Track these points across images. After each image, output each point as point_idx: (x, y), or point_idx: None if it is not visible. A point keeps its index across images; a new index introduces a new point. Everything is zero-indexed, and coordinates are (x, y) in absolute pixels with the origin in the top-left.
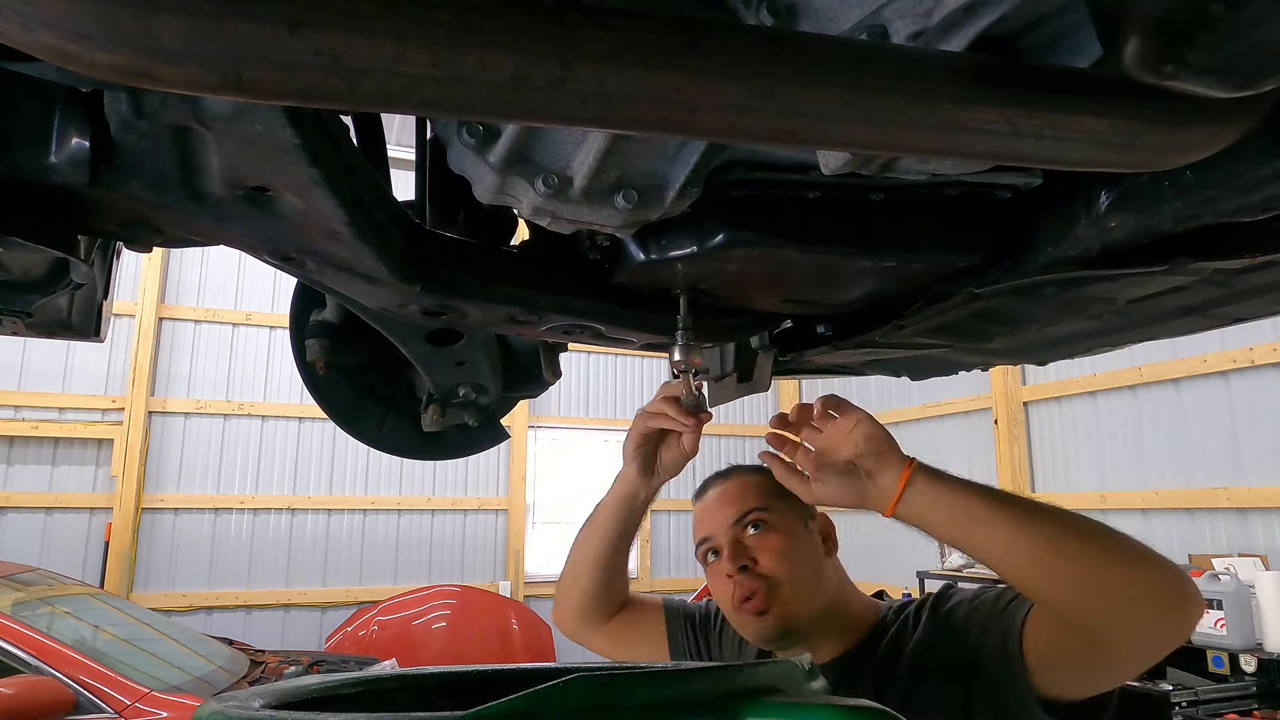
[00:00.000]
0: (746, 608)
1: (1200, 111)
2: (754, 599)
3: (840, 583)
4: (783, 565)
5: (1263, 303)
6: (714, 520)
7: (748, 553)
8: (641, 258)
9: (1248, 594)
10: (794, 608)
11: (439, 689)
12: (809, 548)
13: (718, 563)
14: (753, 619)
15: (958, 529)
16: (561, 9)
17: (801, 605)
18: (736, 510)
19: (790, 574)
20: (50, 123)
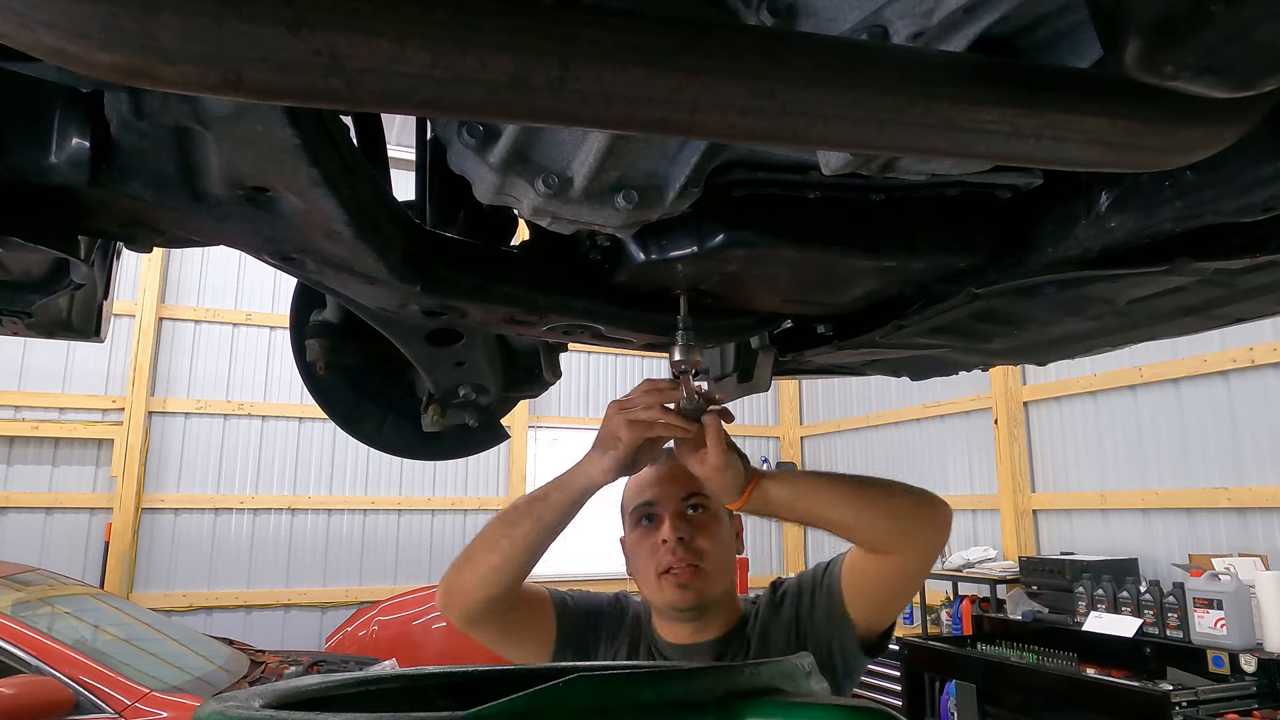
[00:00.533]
0: (673, 576)
1: (1200, 111)
2: (682, 571)
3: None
4: (712, 547)
5: (1263, 303)
6: (664, 491)
7: (688, 527)
8: (641, 258)
9: (1248, 594)
10: (709, 587)
11: (439, 689)
12: (728, 538)
13: (652, 528)
14: (674, 588)
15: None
16: (561, 9)
17: (714, 586)
18: (685, 489)
19: (714, 556)
20: (50, 123)
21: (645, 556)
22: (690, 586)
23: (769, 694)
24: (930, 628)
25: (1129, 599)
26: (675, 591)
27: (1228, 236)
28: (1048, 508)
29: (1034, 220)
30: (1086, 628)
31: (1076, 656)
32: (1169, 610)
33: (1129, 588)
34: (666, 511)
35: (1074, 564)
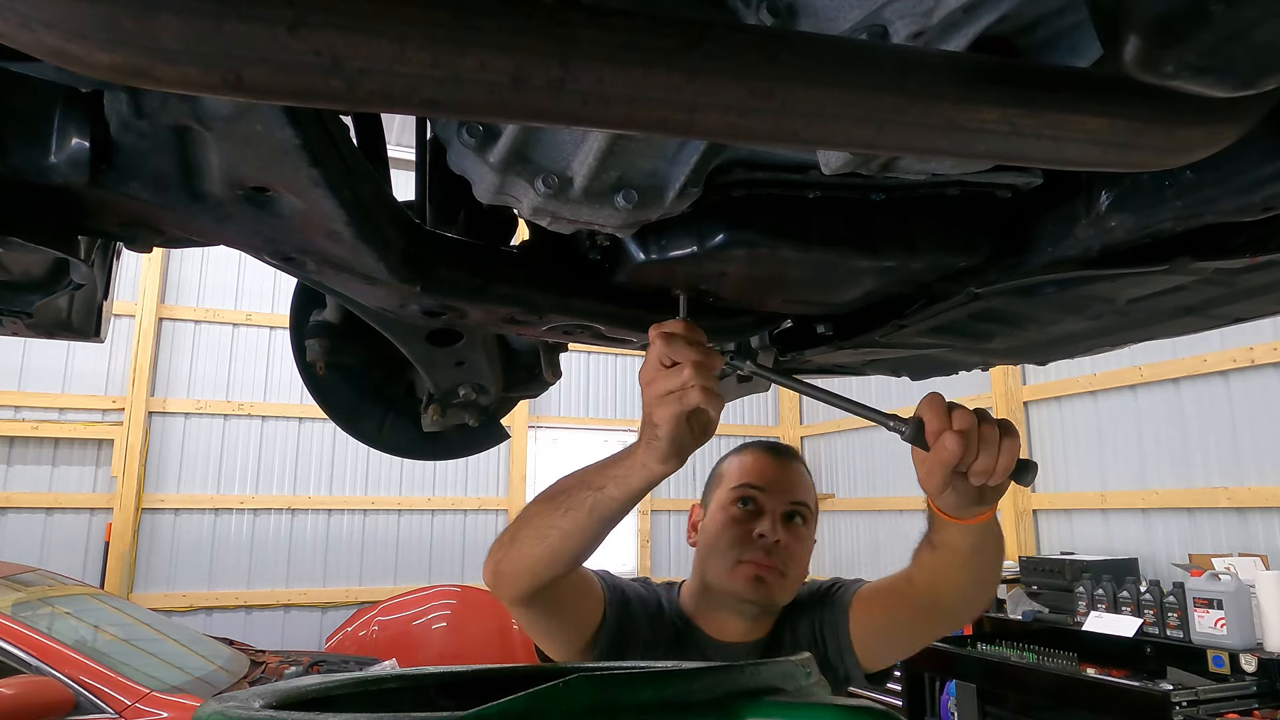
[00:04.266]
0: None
1: (1200, 111)
2: (765, 569)
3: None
4: (797, 559)
5: (1263, 302)
6: (775, 485)
7: (787, 532)
8: (641, 258)
9: (1248, 594)
10: (779, 595)
11: (439, 689)
12: (809, 558)
13: (749, 514)
14: (749, 580)
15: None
16: (561, 9)
17: (784, 595)
18: (798, 495)
19: (794, 570)
20: (50, 123)
21: (731, 538)
22: (767, 584)
23: (769, 694)
24: None
25: (1129, 599)
26: (748, 584)
27: (1228, 236)
28: (1048, 507)
29: (1034, 220)
30: (1086, 627)
31: (1076, 656)
32: (1169, 610)
33: (1129, 587)
34: (772, 507)
35: (1074, 564)
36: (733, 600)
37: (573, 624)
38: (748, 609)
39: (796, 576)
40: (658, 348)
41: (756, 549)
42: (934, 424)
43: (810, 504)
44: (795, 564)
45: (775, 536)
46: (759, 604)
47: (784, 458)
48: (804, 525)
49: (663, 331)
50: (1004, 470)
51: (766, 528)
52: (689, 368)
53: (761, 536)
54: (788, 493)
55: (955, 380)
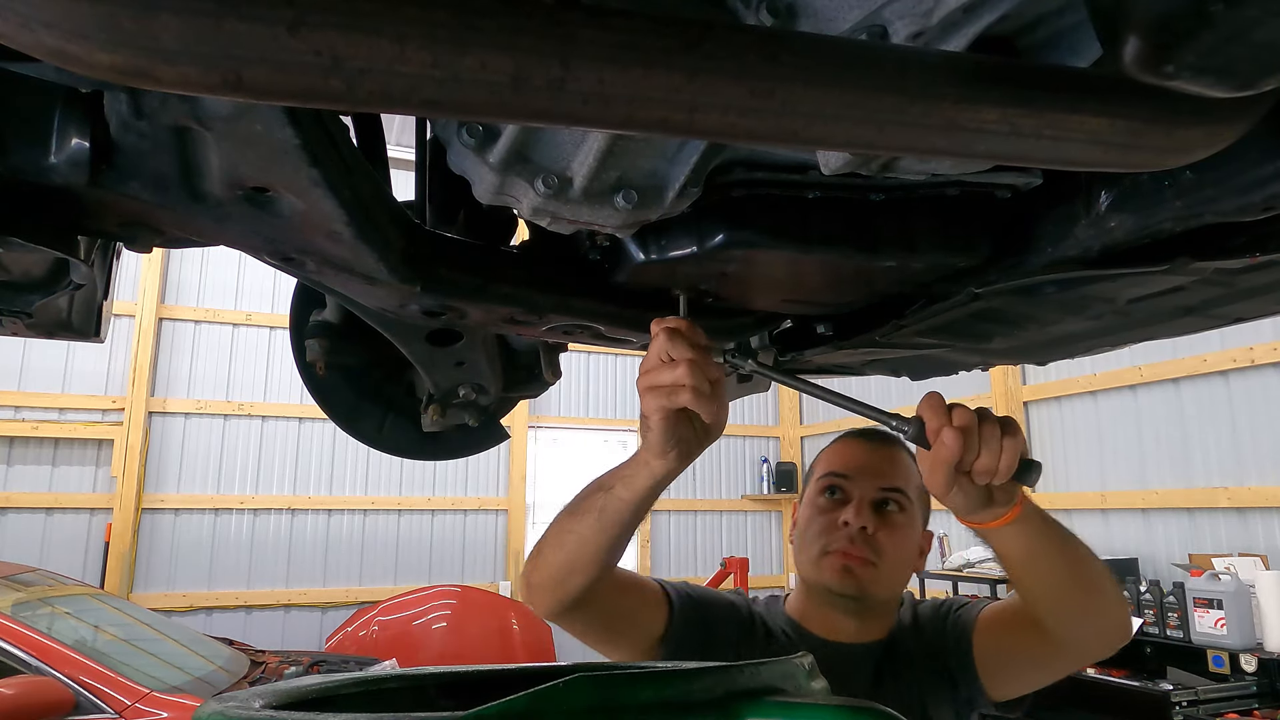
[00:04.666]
0: (839, 558)
1: (1200, 111)
2: (852, 558)
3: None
4: (893, 552)
5: (1263, 302)
6: (862, 470)
7: (875, 519)
8: (641, 258)
9: (1248, 594)
10: (873, 587)
11: (439, 689)
12: (913, 553)
13: (835, 503)
14: (837, 571)
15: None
16: (561, 9)
17: (881, 587)
18: (891, 481)
19: (892, 558)
20: (50, 123)
21: (816, 528)
22: (855, 574)
23: (769, 694)
24: None
25: (1129, 599)
26: (836, 575)
27: (1228, 236)
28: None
29: (1034, 220)
30: None
31: None
32: (1169, 610)
33: (1129, 587)
34: (858, 494)
35: None
36: (826, 594)
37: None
38: (843, 603)
39: (893, 567)
40: (658, 342)
41: (842, 538)
42: (934, 422)
43: (908, 491)
44: (889, 553)
45: (860, 523)
46: (851, 596)
47: (876, 442)
48: (900, 513)
49: (665, 327)
50: (1007, 469)
51: (850, 514)
52: (683, 366)
53: (846, 524)
54: (878, 478)
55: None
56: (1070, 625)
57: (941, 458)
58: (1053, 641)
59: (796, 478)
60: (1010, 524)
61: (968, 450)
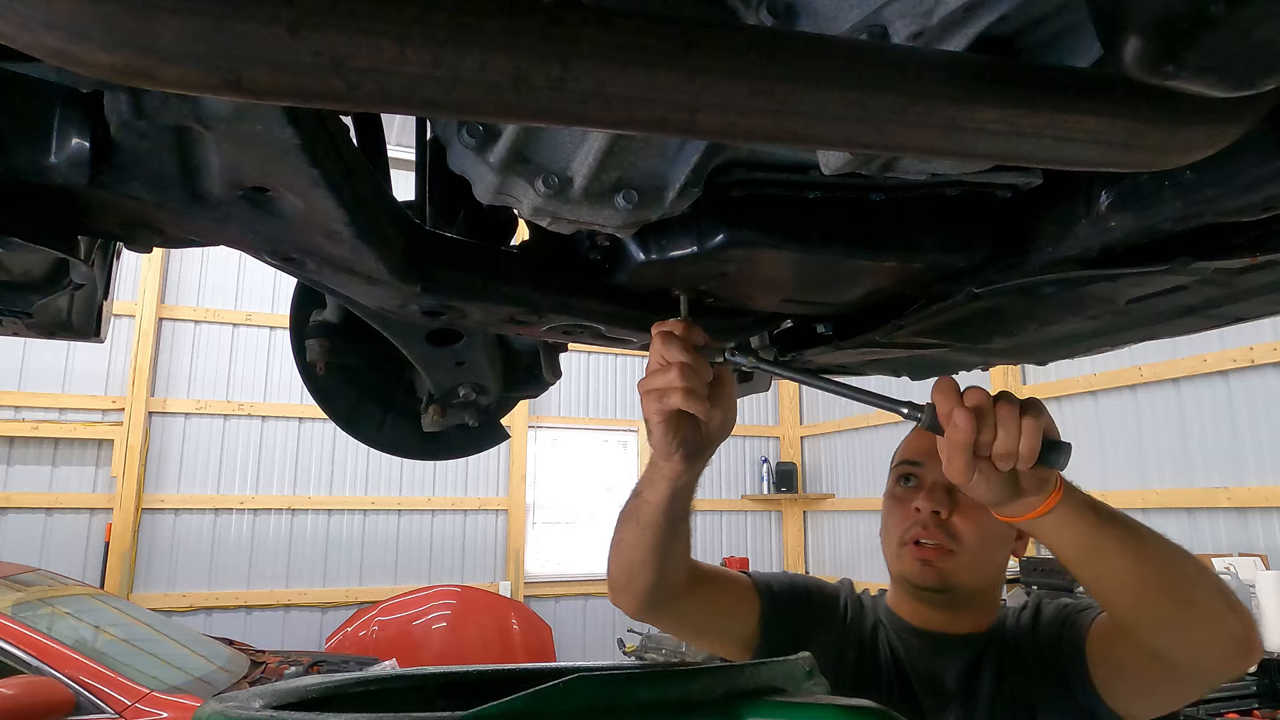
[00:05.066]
0: (916, 550)
1: (1200, 111)
2: (928, 547)
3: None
4: (974, 538)
5: (1263, 302)
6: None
7: (948, 503)
8: (641, 258)
9: (1248, 594)
10: (959, 577)
11: (439, 689)
12: (1004, 538)
13: (909, 492)
14: (915, 561)
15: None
16: (561, 9)
17: (966, 576)
18: None
19: (974, 546)
20: (50, 123)
21: (895, 518)
22: (935, 566)
23: (769, 694)
24: None
25: None
26: (915, 565)
27: (1228, 236)
28: None
29: (1034, 220)
30: None
31: None
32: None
33: None
34: (932, 479)
35: None
36: (910, 587)
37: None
38: (928, 596)
39: (976, 554)
40: (654, 345)
41: (916, 525)
42: (944, 405)
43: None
44: (968, 539)
45: (932, 506)
46: (933, 589)
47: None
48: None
49: (661, 330)
50: (1029, 451)
51: (922, 500)
52: (674, 369)
53: (918, 510)
54: None
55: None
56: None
57: (956, 441)
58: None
59: (796, 478)
60: (1049, 514)
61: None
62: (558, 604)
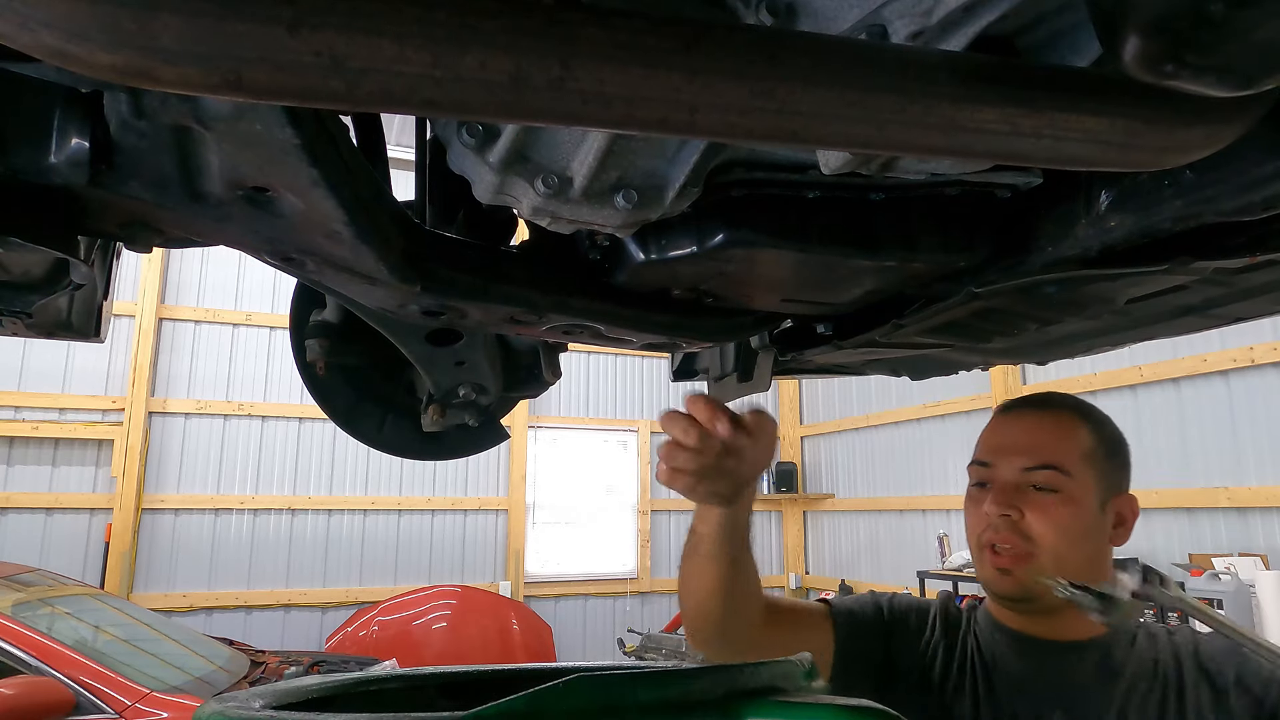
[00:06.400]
0: (994, 558)
1: (1200, 111)
2: (1003, 553)
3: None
4: (1053, 537)
5: (1263, 302)
6: (1002, 450)
7: (1018, 502)
8: (641, 258)
9: (1248, 594)
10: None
11: (439, 689)
12: (1092, 529)
13: (982, 492)
14: (992, 568)
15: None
16: (561, 9)
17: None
18: (1033, 456)
19: (1056, 549)
20: (50, 123)
21: (970, 521)
22: (1013, 574)
23: (770, 693)
24: None
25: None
26: (994, 574)
27: (1228, 236)
28: None
29: (1034, 220)
30: None
31: None
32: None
33: None
34: (1001, 478)
35: None
36: (997, 596)
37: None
38: (1018, 606)
39: (1059, 554)
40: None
41: (989, 530)
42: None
43: (1065, 462)
44: (1047, 539)
45: (999, 510)
46: (1016, 598)
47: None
48: (1054, 492)
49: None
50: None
51: (989, 504)
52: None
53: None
54: (1020, 457)
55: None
56: None
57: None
58: None
59: (796, 478)
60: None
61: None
62: (558, 604)
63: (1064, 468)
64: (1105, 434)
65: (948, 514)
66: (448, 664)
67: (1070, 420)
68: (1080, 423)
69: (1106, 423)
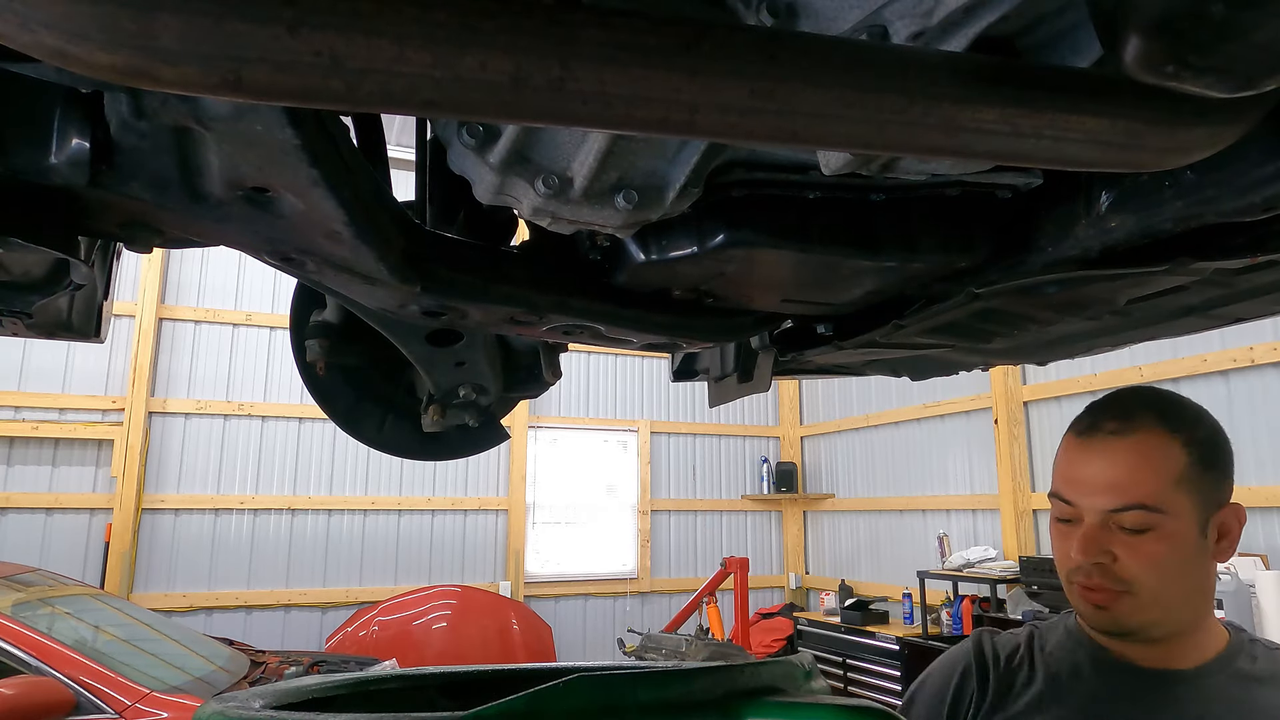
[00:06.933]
0: (1085, 592)
1: (1200, 111)
2: (1097, 593)
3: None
4: (1148, 575)
5: (1263, 302)
6: (1085, 488)
7: (1108, 545)
8: (641, 258)
9: (1248, 593)
10: (1138, 617)
11: (439, 689)
12: (1193, 558)
13: (1068, 530)
14: (1086, 603)
15: None
16: (561, 9)
17: (1151, 615)
18: (1119, 498)
19: (1155, 586)
20: (50, 123)
21: (1058, 553)
22: (1109, 611)
23: (769, 694)
24: (930, 628)
25: None
26: (1090, 611)
27: (1228, 236)
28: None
29: (1034, 220)
30: None
31: None
32: None
33: None
34: (1088, 519)
35: None
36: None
37: None
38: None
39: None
40: None
41: (1079, 573)
42: None
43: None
44: (1143, 578)
45: (1091, 559)
46: (1116, 633)
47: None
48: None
49: None
50: None
51: (1076, 549)
52: None
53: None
54: (1105, 495)
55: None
56: None
57: None
58: None
59: (796, 478)
60: None
61: None
62: (558, 604)
63: (1155, 505)
64: (1199, 444)
65: (948, 514)
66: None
67: (1156, 441)
68: (1168, 440)
69: (1199, 424)
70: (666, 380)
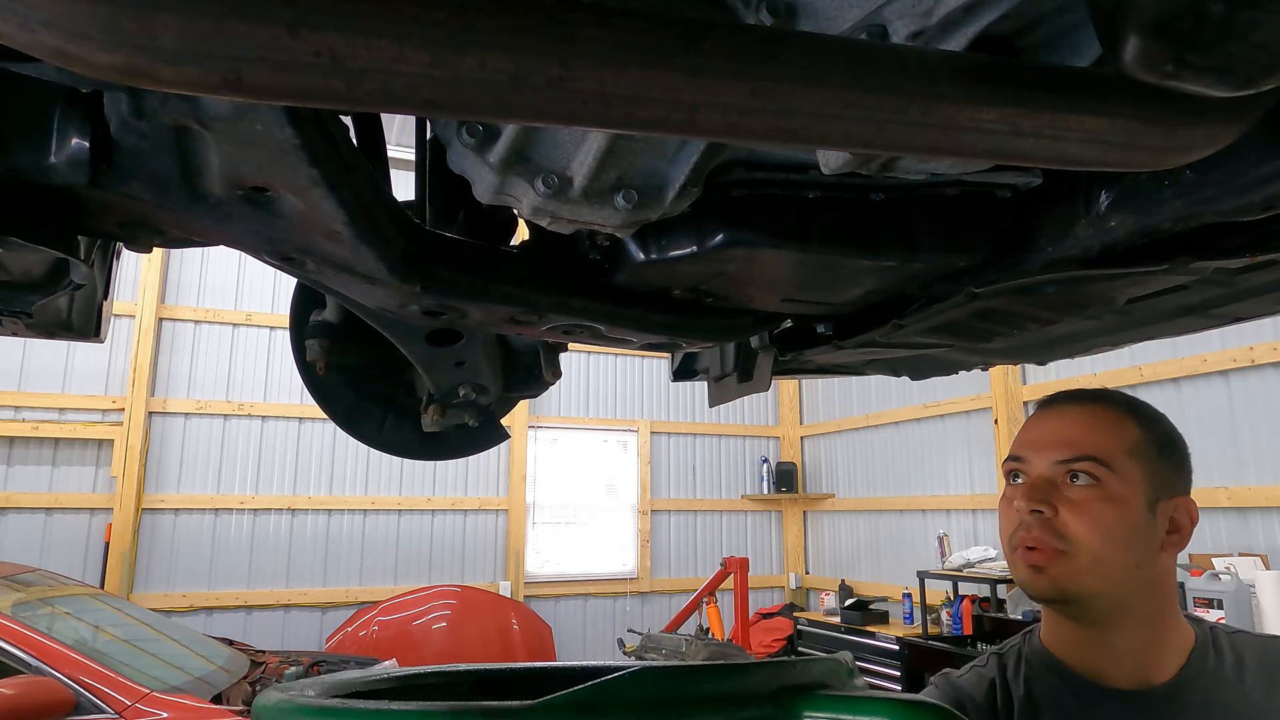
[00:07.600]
0: (1026, 555)
1: (1200, 111)
2: (1034, 550)
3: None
4: (1091, 536)
5: (1263, 302)
6: (1037, 444)
7: (1052, 498)
8: (641, 258)
9: (1248, 593)
10: (1080, 582)
11: (471, 685)
12: (1138, 532)
13: (1014, 488)
14: (1027, 569)
15: None
16: (561, 9)
17: (1091, 583)
18: (1070, 449)
19: (1095, 550)
20: (50, 123)
21: (1004, 521)
22: (1046, 572)
23: (818, 689)
24: (930, 628)
25: None
26: (1026, 572)
27: (1228, 236)
28: None
29: (1034, 220)
30: None
31: None
32: None
33: None
34: (1035, 471)
35: None
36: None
37: None
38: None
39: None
40: None
41: (1021, 529)
42: None
43: (1106, 456)
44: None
45: (1030, 505)
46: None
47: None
48: (1092, 486)
49: None
50: None
51: (1020, 500)
52: None
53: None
54: (1055, 450)
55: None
56: None
57: None
58: None
59: (796, 478)
60: None
61: None
62: (558, 604)
63: (1105, 460)
64: (1154, 431)
65: (948, 514)
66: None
67: (1114, 413)
68: (1126, 416)
69: (1159, 420)
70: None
